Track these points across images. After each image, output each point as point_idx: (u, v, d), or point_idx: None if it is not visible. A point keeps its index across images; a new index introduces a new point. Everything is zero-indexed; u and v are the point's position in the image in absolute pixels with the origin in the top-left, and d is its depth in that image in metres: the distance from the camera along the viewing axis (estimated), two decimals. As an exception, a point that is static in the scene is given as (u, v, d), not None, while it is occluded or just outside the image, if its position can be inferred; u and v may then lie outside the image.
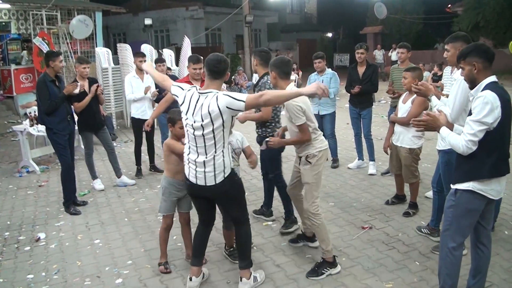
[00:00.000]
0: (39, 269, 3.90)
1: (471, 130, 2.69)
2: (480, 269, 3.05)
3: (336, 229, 4.47)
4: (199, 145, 3.07)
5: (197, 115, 2.99)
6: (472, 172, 2.79)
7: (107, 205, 5.45)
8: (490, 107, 2.64)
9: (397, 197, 5.11)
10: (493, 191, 2.81)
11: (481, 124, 2.67)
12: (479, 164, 2.75)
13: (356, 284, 3.45)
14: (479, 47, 2.85)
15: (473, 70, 2.80)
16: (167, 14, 24.73)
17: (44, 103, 5.04)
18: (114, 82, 10.36)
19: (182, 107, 3.13)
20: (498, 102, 2.65)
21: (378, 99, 13.43)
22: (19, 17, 13.96)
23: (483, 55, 2.80)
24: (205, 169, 3.10)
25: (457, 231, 2.88)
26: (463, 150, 2.74)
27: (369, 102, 6.33)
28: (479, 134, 2.69)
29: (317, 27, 34.98)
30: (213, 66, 3.09)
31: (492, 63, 2.83)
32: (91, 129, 5.84)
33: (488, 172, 2.75)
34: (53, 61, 5.07)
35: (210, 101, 2.96)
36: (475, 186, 2.79)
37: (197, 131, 3.03)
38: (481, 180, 2.78)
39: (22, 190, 6.16)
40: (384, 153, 6.48)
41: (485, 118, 2.65)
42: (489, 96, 2.66)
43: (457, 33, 3.77)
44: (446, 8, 24.35)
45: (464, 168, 2.84)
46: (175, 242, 4.30)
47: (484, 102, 2.65)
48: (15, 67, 12.19)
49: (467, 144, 2.71)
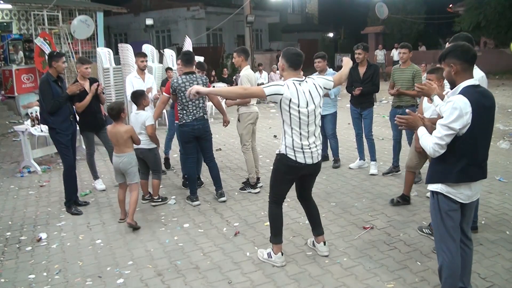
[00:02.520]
0: (40, 269, 3.90)
1: (438, 133, 2.70)
2: (464, 269, 3.02)
3: (337, 229, 4.47)
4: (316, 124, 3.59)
5: (312, 100, 3.52)
6: (440, 175, 2.81)
7: (109, 205, 5.46)
8: (459, 113, 2.61)
9: (403, 197, 5.06)
10: (462, 195, 2.80)
11: (448, 129, 2.66)
12: (448, 167, 2.77)
13: (357, 284, 3.45)
14: (458, 49, 2.78)
15: (451, 72, 2.77)
16: (168, 14, 24.75)
17: (48, 102, 5.04)
18: (115, 82, 10.35)
19: (292, 101, 3.42)
20: (468, 108, 2.61)
21: (380, 99, 13.43)
22: (20, 17, 13.99)
23: (462, 56, 2.74)
24: (320, 146, 3.68)
25: (444, 234, 2.86)
26: (429, 151, 2.77)
27: (370, 102, 6.33)
28: (446, 138, 2.68)
29: (318, 27, 34.97)
30: (296, 60, 3.59)
31: (473, 64, 2.79)
32: (92, 129, 5.84)
33: (455, 177, 2.75)
34: (56, 61, 5.09)
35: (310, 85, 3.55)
36: (443, 189, 2.81)
37: (312, 116, 3.52)
38: (448, 184, 2.79)
39: (24, 190, 6.17)
40: (385, 153, 6.47)
41: (452, 124, 2.64)
42: (459, 101, 2.63)
43: (458, 34, 3.77)
44: (448, 8, 24.33)
45: (434, 169, 2.88)
46: (176, 242, 4.30)
47: (453, 107, 2.64)
48: (16, 68, 12.21)
49: (433, 147, 2.72)
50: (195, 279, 3.62)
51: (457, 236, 2.89)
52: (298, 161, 3.55)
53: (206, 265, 3.83)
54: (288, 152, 3.56)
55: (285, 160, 3.58)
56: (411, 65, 5.75)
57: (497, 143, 7.46)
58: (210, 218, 4.87)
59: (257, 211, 5.00)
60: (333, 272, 3.62)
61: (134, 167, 4.77)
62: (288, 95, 3.41)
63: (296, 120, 3.48)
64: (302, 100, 3.45)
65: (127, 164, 4.71)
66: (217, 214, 5.00)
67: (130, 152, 4.75)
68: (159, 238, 4.41)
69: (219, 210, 5.11)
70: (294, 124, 3.50)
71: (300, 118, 3.48)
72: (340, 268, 3.69)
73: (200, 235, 4.46)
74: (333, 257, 3.88)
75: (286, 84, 3.45)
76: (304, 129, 3.51)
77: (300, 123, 3.49)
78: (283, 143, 3.59)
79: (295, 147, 3.53)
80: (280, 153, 3.62)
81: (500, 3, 19.95)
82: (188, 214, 5.01)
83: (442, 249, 2.88)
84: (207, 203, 5.36)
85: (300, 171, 3.64)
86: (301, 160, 3.56)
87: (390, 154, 6.34)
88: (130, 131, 4.75)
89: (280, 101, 3.44)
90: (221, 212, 5.03)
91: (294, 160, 3.55)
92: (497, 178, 5.75)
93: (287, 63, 3.58)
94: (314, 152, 3.59)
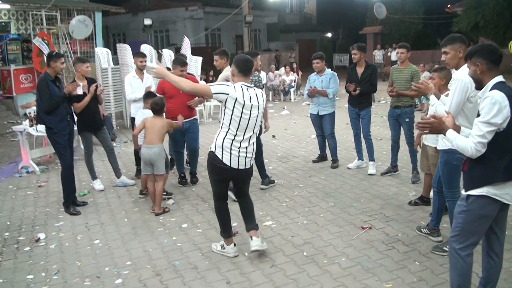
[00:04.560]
0: (38, 269, 3.90)
1: (479, 131, 2.60)
2: (491, 279, 2.97)
3: (336, 229, 4.47)
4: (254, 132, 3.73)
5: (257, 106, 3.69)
6: (485, 177, 2.68)
7: (107, 205, 5.45)
8: (498, 107, 2.57)
9: (421, 199, 5.01)
10: (508, 195, 2.70)
11: (489, 125, 2.58)
12: (491, 167, 2.65)
13: (356, 284, 3.45)
14: (485, 48, 2.78)
15: (477, 71, 2.76)
16: (167, 14, 24.75)
17: (45, 102, 5.04)
18: (113, 82, 10.36)
19: (238, 101, 3.55)
20: (506, 101, 2.58)
21: (378, 99, 13.44)
22: (18, 17, 13.95)
23: (488, 56, 2.73)
24: (251, 154, 3.80)
25: (467, 235, 2.79)
26: (472, 153, 2.63)
27: (368, 102, 6.33)
28: (488, 135, 2.59)
29: (316, 27, 35.02)
30: (245, 66, 3.69)
31: (498, 64, 2.77)
32: (90, 129, 5.83)
33: (502, 175, 2.65)
34: (55, 62, 5.09)
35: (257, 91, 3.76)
36: (489, 191, 2.67)
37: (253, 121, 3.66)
38: (495, 184, 2.67)
39: (22, 191, 6.16)
40: (383, 153, 6.47)
41: (494, 119, 2.57)
42: (497, 95, 2.59)
43: (453, 35, 3.77)
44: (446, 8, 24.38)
45: (476, 173, 2.72)
46: (174, 242, 4.30)
47: (492, 103, 2.58)
48: (14, 68, 12.19)
49: (475, 147, 2.61)
50: (193, 279, 3.62)
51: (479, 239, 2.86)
52: (224, 161, 3.67)
53: (204, 265, 3.83)
54: (216, 150, 3.69)
55: (212, 159, 3.73)
56: (410, 65, 5.75)
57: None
58: (209, 218, 4.86)
59: (255, 211, 4.97)
60: (331, 272, 3.63)
61: (163, 159, 5.09)
62: (234, 95, 3.55)
63: (235, 122, 3.61)
64: (246, 103, 3.59)
65: (158, 155, 5.03)
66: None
67: (161, 144, 5.11)
68: (158, 238, 4.40)
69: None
70: (232, 125, 3.63)
71: (240, 120, 3.61)
72: (339, 268, 3.69)
73: (199, 235, 4.46)
74: (332, 257, 3.88)
75: (233, 85, 3.62)
76: (241, 132, 3.65)
77: (239, 125, 3.62)
78: (214, 142, 3.73)
79: (224, 146, 3.65)
80: (210, 150, 3.77)
81: (499, 3, 20.00)
82: (186, 214, 5.01)
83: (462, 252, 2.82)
84: (205, 203, 5.36)
85: (225, 173, 3.76)
86: (227, 161, 3.67)
87: (389, 154, 6.35)
88: (168, 124, 5.24)
89: (225, 101, 3.57)
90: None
91: (220, 159, 3.67)
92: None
93: (237, 69, 3.72)
94: (241, 157, 3.71)
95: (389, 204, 5.10)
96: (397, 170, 6.15)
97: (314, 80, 6.59)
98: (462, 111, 3.55)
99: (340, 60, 26.08)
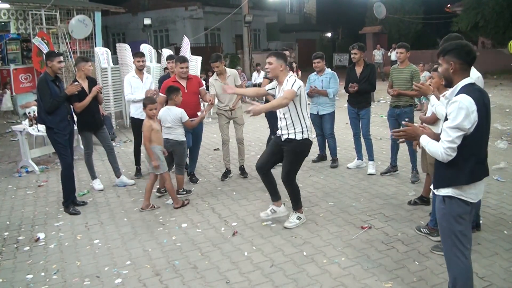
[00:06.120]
0: (38, 269, 3.90)
1: (448, 137, 2.64)
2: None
3: (335, 228, 4.47)
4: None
5: None
6: (450, 178, 2.75)
7: (107, 205, 5.45)
8: (466, 112, 2.59)
9: (421, 199, 5.01)
10: (472, 195, 2.77)
11: (458, 130, 2.62)
12: (457, 170, 2.70)
13: (355, 284, 3.45)
14: (461, 48, 2.75)
15: (449, 70, 2.76)
16: (166, 14, 24.74)
17: (46, 102, 5.04)
18: (113, 82, 10.35)
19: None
20: (474, 106, 2.60)
21: (378, 98, 13.44)
22: (18, 17, 13.96)
23: (463, 56, 2.73)
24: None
25: (457, 241, 2.79)
26: (442, 157, 2.69)
27: (367, 102, 6.32)
28: (457, 140, 2.64)
29: (316, 27, 35.02)
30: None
31: (471, 65, 2.78)
32: (90, 128, 5.83)
33: (466, 178, 2.71)
34: (51, 61, 5.07)
35: None
36: (455, 192, 2.75)
37: None
38: (459, 186, 2.74)
39: (21, 190, 6.16)
40: (383, 153, 6.47)
41: (462, 124, 2.60)
42: (464, 101, 2.61)
43: (449, 35, 3.79)
44: (446, 8, 24.38)
45: (442, 174, 2.80)
46: (174, 242, 4.30)
47: (459, 107, 2.61)
48: (14, 67, 12.19)
49: (446, 152, 2.66)
50: (193, 279, 3.62)
51: (470, 240, 2.83)
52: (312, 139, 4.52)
53: (204, 265, 3.83)
54: (309, 135, 4.42)
55: (309, 141, 4.44)
56: (409, 65, 5.75)
57: (494, 142, 7.48)
58: (208, 218, 4.87)
59: (255, 211, 4.99)
60: (331, 272, 3.63)
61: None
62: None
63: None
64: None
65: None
66: (215, 214, 5.00)
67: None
68: (157, 238, 4.41)
69: (217, 210, 5.11)
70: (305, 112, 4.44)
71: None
72: (338, 268, 3.69)
73: (198, 235, 4.46)
74: (331, 256, 3.88)
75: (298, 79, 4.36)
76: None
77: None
78: (301, 130, 4.36)
79: (308, 128, 4.43)
80: (304, 138, 4.37)
81: (498, 3, 20.00)
82: (186, 214, 5.01)
83: (455, 256, 2.79)
84: (205, 202, 5.36)
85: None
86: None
87: (388, 154, 6.35)
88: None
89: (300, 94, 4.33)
90: (219, 212, 5.03)
91: (311, 140, 4.49)
92: (495, 178, 5.76)
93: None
94: None
95: (388, 203, 5.10)
96: (397, 170, 6.15)
97: (314, 80, 6.59)
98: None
99: (340, 60, 26.08)
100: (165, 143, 5.34)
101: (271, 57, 4.37)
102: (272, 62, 4.34)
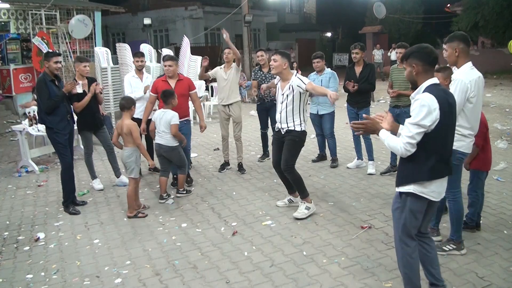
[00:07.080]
0: (38, 269, 3.90)
1: (409, 132, 2.72)
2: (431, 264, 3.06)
3: (335, 228, 4.47)
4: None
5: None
6: (411, 175, 2.82)
7: (106, 205, 5.45)
8: (427, 110, 2.66)
9: None
10: (434, 193, 2.83)
11: (418, 127, 2.69)
12: (419, 166, 2.78)
13: (355, 284, 3.45)
14: (421, 50, 2.85)
15: (413, 72, 2.85)
16: (166, 14, 24.73)
17: (45, 102, 5.03)
18: (113, 82, 10.34)
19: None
20: (436, 104, 2.67)
21: (377, 98, 13.45)
22: (18, 16, 13.94)
23: (424, 58, 2.81)
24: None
25: (404, 233, 2.92)
26: (401, 152, 2.77)
27: (367, 102, 6.33)
28: (417, 136, 2.70)
29: (316, 27, 35.01)
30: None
31: (434, 66, 2.86)
32: (90, 128, 5.84)
33: (427, 175, 2.77)
34: (48, 61, 5.07)
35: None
36: (416, 189, 2.81)
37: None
38: (421, 183, 2.80)
39: (21, 190, 6.16)
40: (383, 153, 6.46)
41: (423, 121, 2.67)
42: (426, 98, 2.68)
43: (454, 33, 3.80)
44: (445, 8, 24.38)
45: (405, 171, 2.88)
46: (174, 242, 4.30)
47: (421, 105, 2.68)
48: (14, 67, 12.17)
49: (405, 147, 2.73)
50: (193, 278, 3.62)
51: (413, 234, 2.96)
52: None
53: (204, 265, 3.83)
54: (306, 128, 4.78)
55: (305, 133, 4.77)
56: None
57: (494, 142, 7.47)
58: (208, 218, 4.87)
59: (255, 211, 5.00)
60: (331, 272, 3.63)
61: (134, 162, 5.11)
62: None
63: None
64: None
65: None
66: (215, 213, 5.00)
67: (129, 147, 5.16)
68: (157, 238, 4.41)
69: (217, 209, 5.11)
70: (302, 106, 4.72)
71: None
72: (338, 268, 3.69)
73: (198, 234, 4.46)
74: (331, 256, 3.88)
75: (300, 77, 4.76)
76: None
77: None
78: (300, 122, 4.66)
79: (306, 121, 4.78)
80: (302, 130, 4.68)
81: (498, 3, 19.99)
82: (186, 214, 5.01)
83: (403, 245, 2.93)
84: (205, 202, 5.36)
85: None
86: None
87: (388, 154, 6.35)
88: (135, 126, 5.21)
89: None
90: (219, 212, 5.03)
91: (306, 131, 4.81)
92: (494, 178, 5.76)
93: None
94: None
95: (388, 203, 5.09)
96: (397, 170, 6.14)
97: (314, 80, 6.57)
98: (462, 112, 3.55)
99: (340, 59, 26.07)
100: (158, 149, 5.33)
101: (276, 55, 4.66)
102: (277, 60, 4.64)
